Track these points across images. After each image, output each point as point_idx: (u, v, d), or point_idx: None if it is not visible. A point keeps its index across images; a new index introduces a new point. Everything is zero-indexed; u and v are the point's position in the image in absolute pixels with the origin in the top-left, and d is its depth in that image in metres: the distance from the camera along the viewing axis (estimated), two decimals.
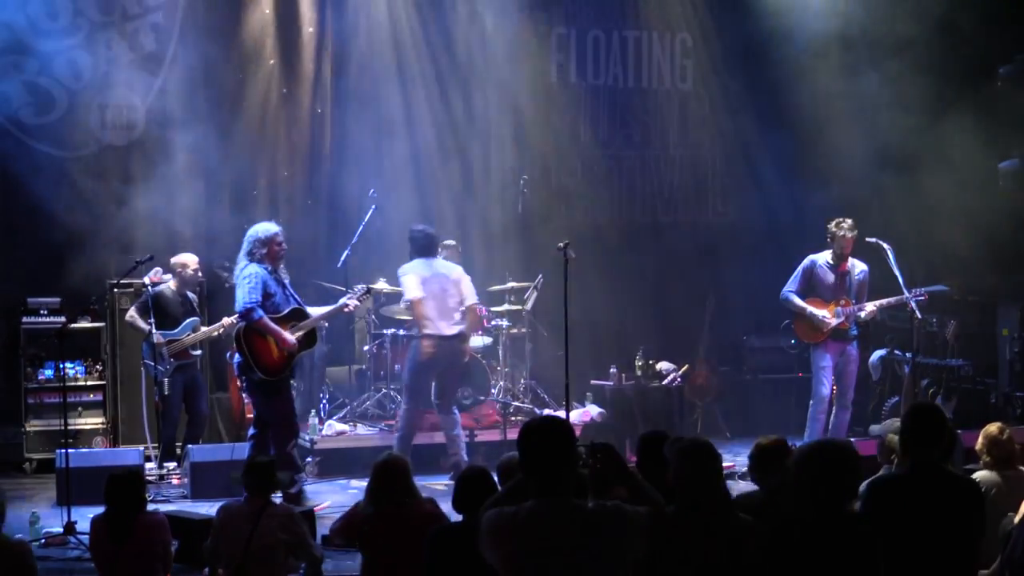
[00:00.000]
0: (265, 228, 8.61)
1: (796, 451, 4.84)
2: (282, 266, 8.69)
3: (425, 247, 9.70)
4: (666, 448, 4.85)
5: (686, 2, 12.94)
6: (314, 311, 8.80)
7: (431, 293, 9.51)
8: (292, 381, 9.00)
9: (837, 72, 12.51)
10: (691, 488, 4.59)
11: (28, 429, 10.31)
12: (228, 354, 9.14)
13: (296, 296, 8.75)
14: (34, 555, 5.55)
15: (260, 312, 8.33)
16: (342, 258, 10.51)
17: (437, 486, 9.02)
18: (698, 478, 4.60)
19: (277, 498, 7.08)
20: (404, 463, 5.80)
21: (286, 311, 8.52)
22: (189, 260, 10.07)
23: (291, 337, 8.44)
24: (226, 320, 10.04)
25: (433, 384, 9.75)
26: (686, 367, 11.16)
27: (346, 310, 9.14)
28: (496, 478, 5.25)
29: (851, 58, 12.47)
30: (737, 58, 12.81)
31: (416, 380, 9.69)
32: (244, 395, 10.20)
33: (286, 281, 8.70)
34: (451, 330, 9.57)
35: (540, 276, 11.02)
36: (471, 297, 9.80)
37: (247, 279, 8.41)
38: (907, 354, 10.34)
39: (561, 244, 8.83)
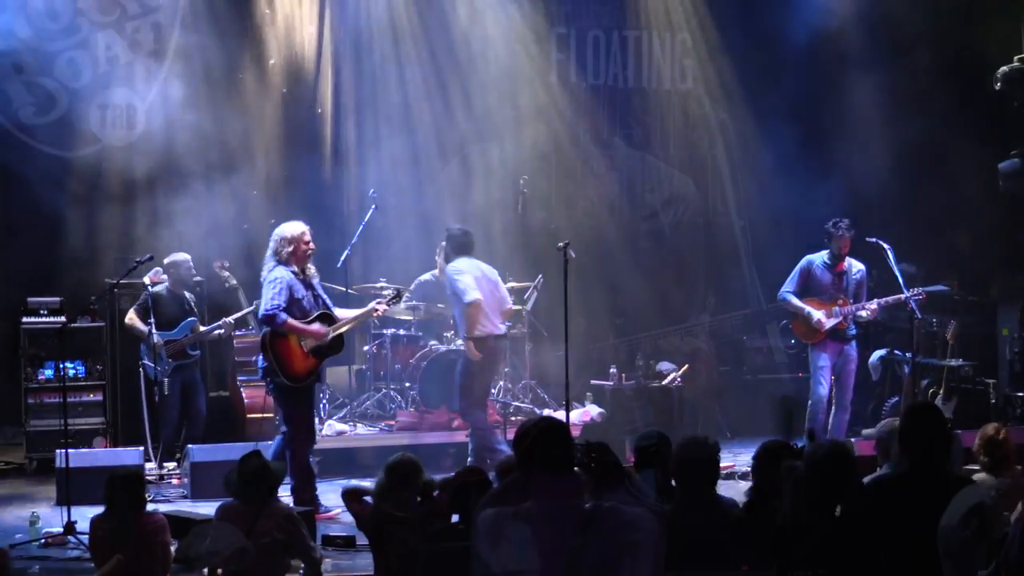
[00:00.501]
0: (292, 227, 8.47)
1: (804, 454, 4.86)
2: (312, 267, 8.55)
3: (465, 245, 9.50)
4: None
5: (686, 2, 12.94)
6: (342, 313, 8.74)
7: (483, 293, 9.39)
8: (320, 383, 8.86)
9: (837, 72, 12.52)
10: (691, 484, 4.61)
11: (28, 429, 10.31)
12: (253, 357, 9.15)
13: (326, 298, 8.62)
14: (10, 559, 5.58)
15: (284, 316, 8.21)
16: (342, 258, 10.51)
17: None
18: (699, 475, 4.61)
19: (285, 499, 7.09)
20: (417, 463, 5.82)
21: (314, 316, 8.40)
22: (179, 258, 10.08)
23: (321, 328, 8.31)
24: (226, 320, 10.06)
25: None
26: (686, 367, 11.16)
27: (376, 314, 9.04)
28: (495, 479, 5.26)
29: (851, 59, 12.47)
30: (737, 58, 12.80)
31: (479, 382, 9.47)
32: (244, 394, 10.24)
33: (315, 282, 8.56)
34: (501, 329, 9.51)
35: (540, 276, 11.02)
36: (509, 299, 9.76)
37: (272, 283, 8.28)
38: (907, 354, 10.34)
39: (561, 244, 8.82)
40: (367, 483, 6.17)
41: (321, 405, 10.66)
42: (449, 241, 9.60)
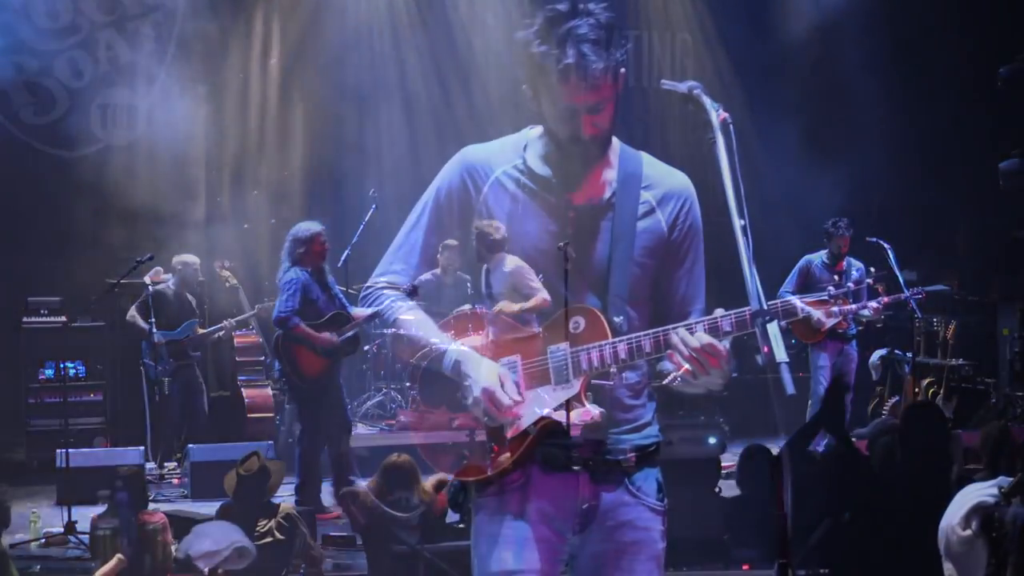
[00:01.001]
0: (306, 227, 8.46)
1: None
2: (327, 267, 8.53)
3: (502, 242, 9.31)
4: None
5: (686, 1, 12.92)
6: (358, 312, 8.66)
7: None
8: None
9: (837, 72, 12.51)
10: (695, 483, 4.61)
11: (29, 429, 10.30)
12: (262, 357, 9.11)
13: (342, 298, 8.59)
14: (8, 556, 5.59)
15: (296, 320, 8.18)
16: (342, 257, 10.50)
17: None
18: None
19: (282, 499, 7.09)
20: (413, 464, 5.82)
21: (328, 316, 8.36)
22: (189, 259, 10.09)
23: (329, 336, 8.26)
24: (227, 322, 10.06)
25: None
26: (686, 367, 11.11)
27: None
28: None
29: (852, 58, 12.46)
30: (737, 57, 12.79)
31: None
32: (244, 394, 10.23)
33: (331, 281, 8.54)
34: None
35: (540, 276, 11.00)
36: None
37: (286, 285, 8.27)
38: (907, 354, 10.34)
39: (561, 244, 8.79)
40: (364, 483, 6.18)
41: None
42: (481, 239, 9.41)
